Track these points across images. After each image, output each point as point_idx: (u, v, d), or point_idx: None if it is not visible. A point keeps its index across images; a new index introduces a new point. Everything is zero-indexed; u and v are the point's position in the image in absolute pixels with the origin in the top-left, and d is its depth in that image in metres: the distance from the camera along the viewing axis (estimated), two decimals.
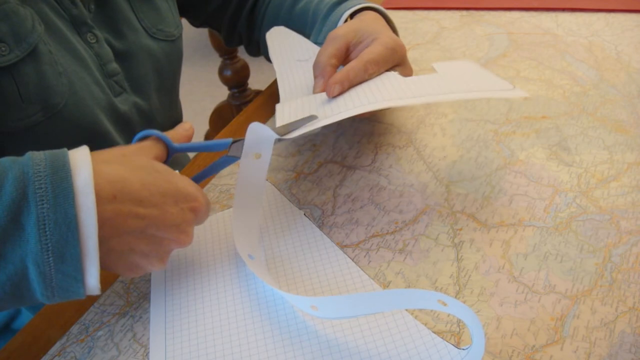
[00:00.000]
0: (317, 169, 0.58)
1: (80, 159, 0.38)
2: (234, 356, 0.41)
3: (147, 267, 0.42)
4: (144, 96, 0.65)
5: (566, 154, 0.56)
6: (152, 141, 0.45)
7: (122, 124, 0.62)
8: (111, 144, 0.60)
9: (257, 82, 1.32)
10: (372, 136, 0.62)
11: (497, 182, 0.54)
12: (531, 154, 0.57)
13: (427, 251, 0.48)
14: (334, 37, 0.57)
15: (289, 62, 0.64)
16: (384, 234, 0.50)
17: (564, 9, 0.85)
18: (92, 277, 0.38)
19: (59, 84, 0.54)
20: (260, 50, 0.80)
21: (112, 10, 0.61)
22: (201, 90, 2.33)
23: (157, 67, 0.66)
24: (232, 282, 0.47)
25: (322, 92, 0.54)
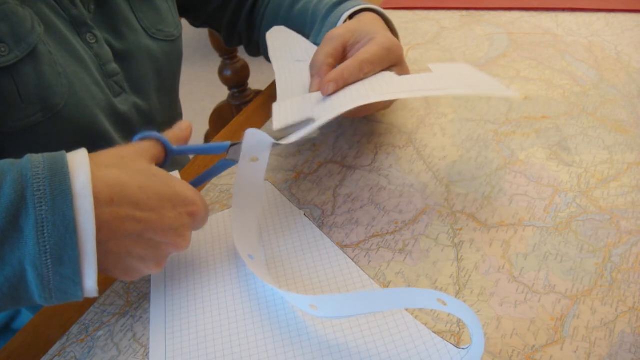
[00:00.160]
0: (317, 169, 0.58)
1: (78, 161, 0.38)
2: (233, 356, 0.41)
3: (145, 271, 0.42)
4: (144, 96, 0.65)
5: (566, 154, 0.56)
6: (150, 143, 0.45)
7: (122, 124, 0.62)
8: (111, 144, 0.60)
9: (257, 82, 1.32)
10: (372, 136, 0.62)
11: (497, 182, 0.54)
12: (531, 154, 0.57)
13: (427, 251, 0.48)
14: (331, 37, 0.57)
15: (288, 62, 0.64)
16: (384, 234, 0.50)
17: (564, 9, 0.85)
18: (90, 280, 0.38)
19: (59, 84, 0.54)
20: (260, 50, 0.80)
21: (111, 10, 0.61)
22: (201, 90, 2.33)
23: (157, 67, 0.66)
24: (232, 282, 0.47)
25: (318, 91, 0.54)
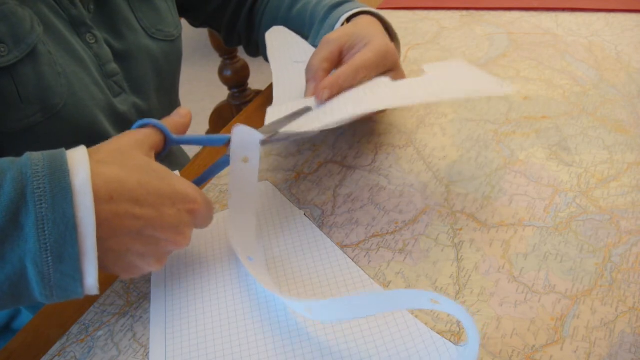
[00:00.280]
0: (317, 169, 0.58)
1: (78, 159, 0.38)
2: (233, 356, 0.41)
3: (145, 268, 0.42)
4: (144, 96, 0.65)
5: (566, 154, 0.56)
6: (149, 130, 0.45)
7: (122, 124, 0.62)
8: None
9: (257, 82, 1.32)
10: (372, 136, 0.62)
11: (497, 182, 0.54)
12: (531, 154, 0.57)
13: (427, 251, 0.48)
14: (327, 41, 0.57)
15: (286, 63, 0.64)
16: (384, 234, 0.50)
17: (564, 9, 0.85)
18: (91, 277, 0.38)
19: (58, 84, 0.54)
20: (259, 50, 0.80)
21: (111, 10, 0.61)
22: (201, 90, 2.33)
23: (157, 67, 0.66)
24: (232, 282, 0.47)
25: (313, 96, 0.54)
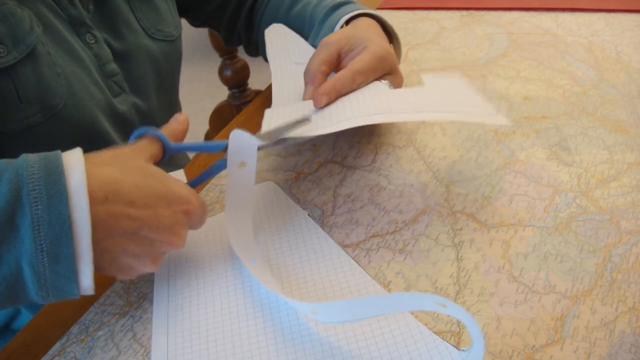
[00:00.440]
0: (317, 169, 0.58)
1: (73, 160, 0.38)
2: (235, 357, 0.41)
3: (140, 269, 0.42)
4: (143, 97, 0.65)
5: (566, 154, 0.56)
6: (148, 140, 0.45)
7: (121, 124, 0.62)
8: (110, 145, 0.60)
9: (257, 82, 1.32)
10: (372, 136, 0.62)
11: (497, 182, 0.54)
12: (531, 154, 0.57)
13: (427, 251, 0.48)
14: (325, 43, 0.57)
15: (286, 63, 0.64)
16: (384, 234, 0.50)
17: (564, 9, 0.85)
18: (86, 278, 0.38)
19: (58, 85, 0.54)
20: (259, 50, 0.80)
21: (110, 10, 0.61)
22: (201, 90, 2.33)
23: (156, 67, 0.66)
24: (235, 283, 0.47)
25: (311, 100, 0.54)
